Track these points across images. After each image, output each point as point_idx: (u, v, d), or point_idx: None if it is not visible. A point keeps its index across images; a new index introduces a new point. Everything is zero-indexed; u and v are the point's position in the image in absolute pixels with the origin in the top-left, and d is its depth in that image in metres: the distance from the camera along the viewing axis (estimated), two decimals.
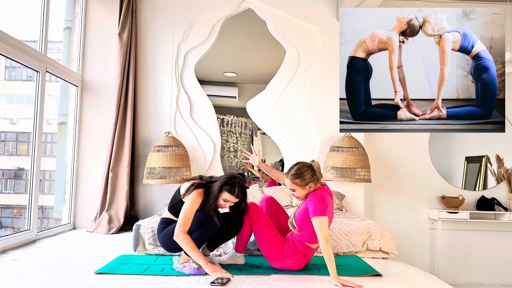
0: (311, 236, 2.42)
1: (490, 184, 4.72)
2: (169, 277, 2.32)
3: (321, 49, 4.49)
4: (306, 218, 2.40)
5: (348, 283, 2.18)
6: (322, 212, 2.32)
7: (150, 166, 4.02)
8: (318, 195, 2.39)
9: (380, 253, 2.98)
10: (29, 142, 3.48)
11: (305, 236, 2.44)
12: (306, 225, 2.41)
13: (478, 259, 4.67)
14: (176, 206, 2.56)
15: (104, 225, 3.90)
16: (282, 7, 4.49)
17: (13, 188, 3.95)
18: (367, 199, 4.56)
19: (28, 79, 4.00)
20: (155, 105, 4.42)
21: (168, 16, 4.45)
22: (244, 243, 2.61)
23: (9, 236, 3.16)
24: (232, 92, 4.70)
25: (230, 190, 2.43)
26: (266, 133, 4.58)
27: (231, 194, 2.43)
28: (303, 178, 2.41)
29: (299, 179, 2.41)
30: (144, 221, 3.04)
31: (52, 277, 2.32)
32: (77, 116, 4.29)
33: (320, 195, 2.39)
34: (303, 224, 2.42)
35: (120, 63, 4.20)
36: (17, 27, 3.67)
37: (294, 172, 2.43)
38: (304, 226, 2.42)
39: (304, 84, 4.48)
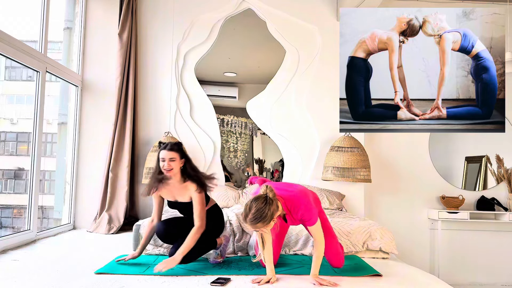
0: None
1: (490, 184, 4.72)
2: (169, 277, 2.32)
3: (321, 49, 4.49)
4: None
5: (325, 282, 2.20)
6: (315, 218, 2.29)
7: (150, 166, 4.01)
8: (299, 204, 2.26)
9: (380, 253, 2.98)
10: (29, 142, 3.48)
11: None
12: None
13: (478, 259, 4.67)
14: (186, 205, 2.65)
15: (104, 225, 3.90)
16: (282, 7, 4.49)
17: (13, 188, 3.95)
18: (367, 199, 4.56)
19: (28, 79, 4.00)
20: (155, 105, 4.42)
21: (168, 16, 4.45)
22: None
23: (9, 236, 3.16)
24: (232, 92, 4.70)
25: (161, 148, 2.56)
26: (266, 133, 4.58)
27: (161, 150, 2.53)
28: (265, 219, 2.11)
29: (260, 222, 2.12)
30: (144, 221, 3.04)
31: (52, 277, 2.32)
32: (77, 116, 4.29)
33: (304, 202, 2.26)
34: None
35: (120, 63, 4.20)
36: (17, 27, 3.67)
37: (252, 218, 2.11)
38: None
39: (304, 84, 4.48)
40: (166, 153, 2.51)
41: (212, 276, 2.32)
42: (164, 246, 2.90)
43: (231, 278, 2.29)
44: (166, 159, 2.50)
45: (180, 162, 2.54)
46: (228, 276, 2.34)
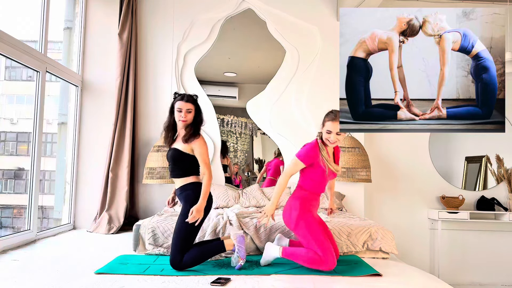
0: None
1: (490, 184, 4.72)
2: (169, 277, 2.32)
3: (321, 49, 4.49)
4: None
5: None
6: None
7: (150, 166, 4.01)
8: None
9: (380, 253, 2.98)
10: (29, 142, 3.48)
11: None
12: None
13: (478, 259, 4.67)
14: (185, 164, 2.61)
15: (104, 225, 3.90)
16: (282, 7, 4.49)
17: (13, 188, 3.95)
18: (367, 199, 4.56)
19: (28, 79, 4.00)
20: (155, 105, 4.42)
21: (168, 16, 4.45)
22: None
23: (9, 236, 3.16)
24: (232, 92, 4.70)
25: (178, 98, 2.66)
26: (266, 133, 4.58)
27: (178, 100, 2.63)
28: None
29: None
30: (144, 221, 3.04)
31: (52, 277, 2.32)
32: (77, 116, 4.29)
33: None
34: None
35: (120, 63, 4.20)
36: (17, 27, 3.67)
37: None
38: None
39: (304, 84, 4.48)
40: (184, 104, 2.61)
41: (212, 276, 2.33)
42: (164, 246, 2.90)
43: (231, 278, 2.30)
44: (183, 109, 2.61)
45: (193, 114, 2.65)
46: (228, 276, 2.34)
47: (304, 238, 2.48)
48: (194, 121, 2.66)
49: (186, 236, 2.50)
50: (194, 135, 2.60)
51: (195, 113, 2.65)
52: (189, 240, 2.52)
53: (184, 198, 2.58)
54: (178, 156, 2.61)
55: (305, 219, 2.50)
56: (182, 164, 2.61)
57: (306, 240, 2.47)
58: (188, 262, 2.45)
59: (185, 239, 2.49)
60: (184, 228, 2.49)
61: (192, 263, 2.47)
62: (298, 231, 2.51)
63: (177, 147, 2.63)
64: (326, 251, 2.40)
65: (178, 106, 2.63)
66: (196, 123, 2.66)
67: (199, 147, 2.58)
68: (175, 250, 2.48)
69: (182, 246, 2.48)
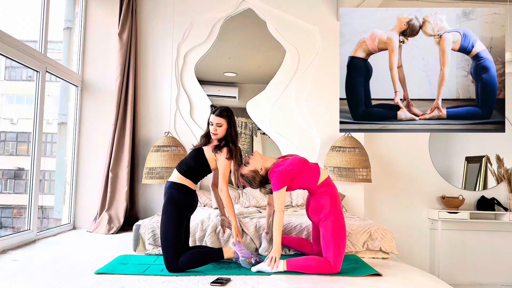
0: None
1: (490, 184, 4.72)
2: (169, 277, 2.32)
3: (321, 49, 4.49)
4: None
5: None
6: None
7: (150, 166, 4.01)
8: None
9: (380, 253, 2.98)
10: (29, 142, 3.48)
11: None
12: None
13: (478, 259, 4.67)
14: (198, 168, 2.62)
15: (104, 225, 3.90)
16: (282, 7, 4.49)
17: (13, 188, 3.95)
18: (367, 199, 4.56)
19: (28, 79, 4.00)
20: (155, 105, 4.42)
21: (168, 16, 4.45)
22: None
23: (9, 236, 3.16)
24: (232, 92, 4.70)
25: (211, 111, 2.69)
26: (266, 133, 4.58)
27: (211, 114, 2.65)
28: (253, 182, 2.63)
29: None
30: (144, 221, 3.04)
31: (52, 277, 2.32)
32: (77, 116, 4.29)
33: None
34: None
35: (120, 63, 4.20)
36: (17, 27, 3.67)
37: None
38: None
39: (304, 84, 4.48)
40: (214, 118, 2.64)
41: (212, 276, 2.33)
42: None
43: (231, 278, 2.29)
44: (214, 123, 2.63)
45: (226, 128, 2.65)
46: (228, 276, 2.34)
47: (325, 235, 2.45)
48: (227, 134, 2.66)
49: (173, 235, 2.46)
50: (224, 147, 2.61)
51: (227, 126, 2.65)
52: (178, 238, 2.48)
53: (170, 195, 2.54)
54: (197, 155, 2.63)
55: (335, 217, 2.47)
56: (194, 163, 2.61)
57: (326, 238, 2.45)
58: (184, 263, 2.43)
59: (174, 238, 2.45)
60: (170, 227, 2.46)
61: (188, 266, 2.44)
62: (323, 224, 2.48)
63: (204, 149, 2.65)
64: (340, 257, 2.41)
65: (210, 120, 2.66)
66: (229, 137, 2.65)
67: (223, 161, 2.59)
68: (167, 252, 2.43)
69: (173, 246, 2.45)
